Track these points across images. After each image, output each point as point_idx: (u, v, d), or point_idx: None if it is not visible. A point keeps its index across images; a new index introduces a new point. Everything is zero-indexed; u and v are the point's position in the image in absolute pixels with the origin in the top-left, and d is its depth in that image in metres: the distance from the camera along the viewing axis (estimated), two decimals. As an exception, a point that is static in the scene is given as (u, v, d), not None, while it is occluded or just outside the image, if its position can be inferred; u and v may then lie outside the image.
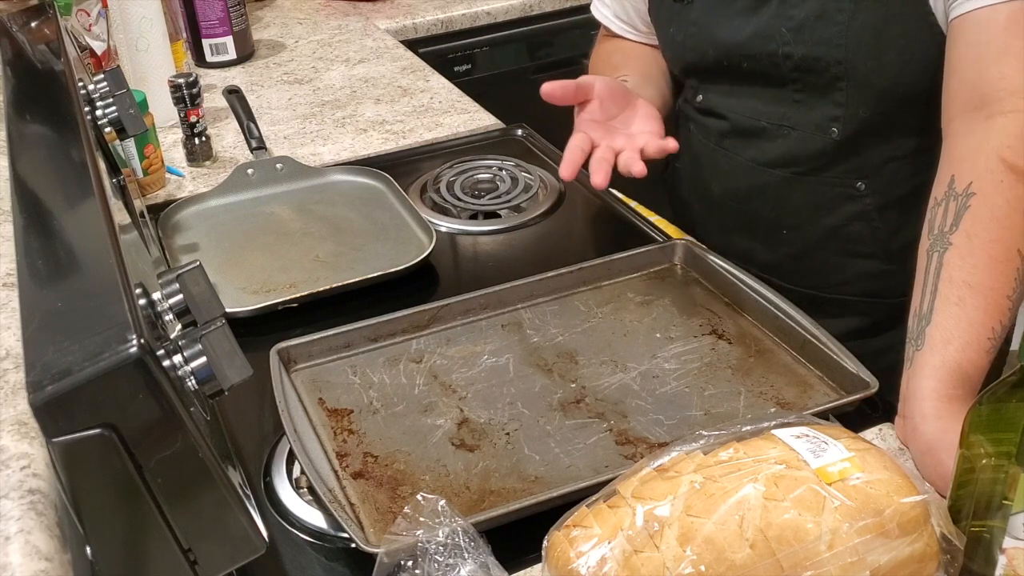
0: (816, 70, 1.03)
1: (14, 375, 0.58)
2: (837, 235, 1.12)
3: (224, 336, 0.57)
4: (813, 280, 1.16)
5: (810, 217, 1.12)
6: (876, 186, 1.08)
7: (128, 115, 0.91)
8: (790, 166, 1.10)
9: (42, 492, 0.51)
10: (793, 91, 1.06)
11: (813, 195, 1.10)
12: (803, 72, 1.04)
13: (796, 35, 1.02)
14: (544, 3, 2.04)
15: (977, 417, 0.68)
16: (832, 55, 1.01)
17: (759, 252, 1.18)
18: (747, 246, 1.18)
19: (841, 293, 1.16)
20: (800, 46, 1.02)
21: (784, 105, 1.08)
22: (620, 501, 0.69)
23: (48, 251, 0.60)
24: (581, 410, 0.90)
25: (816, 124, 1.06)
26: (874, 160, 1.07)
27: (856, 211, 1.10)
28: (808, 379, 0.93)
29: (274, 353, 0.94)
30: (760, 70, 1.07)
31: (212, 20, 1.71)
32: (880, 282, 1.14)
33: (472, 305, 1.03)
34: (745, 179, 1.15)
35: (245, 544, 0.56)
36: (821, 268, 1.15)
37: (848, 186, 1.08)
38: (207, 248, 1.20)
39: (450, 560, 0.69)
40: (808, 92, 1.05)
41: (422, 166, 1.38)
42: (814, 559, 0.64)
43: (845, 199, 1.09)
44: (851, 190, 1.08)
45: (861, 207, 1.09)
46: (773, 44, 1.04)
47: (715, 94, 1.16)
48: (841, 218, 1.11)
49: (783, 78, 1.06)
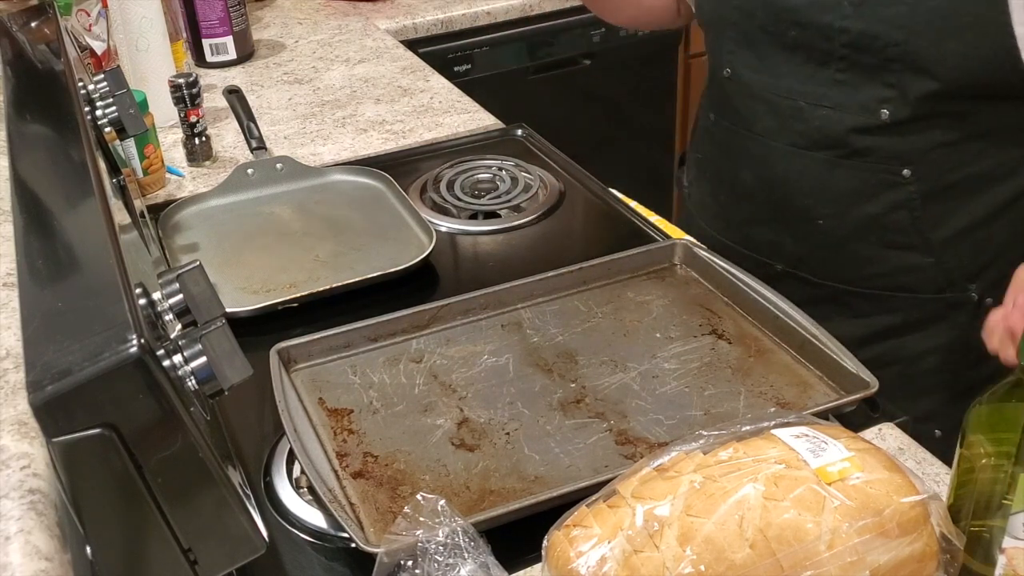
0: (870, 49, 0.99)
1: (14, 375, 0.58)
2: (876, 224, 1.07)
3: (224, 336, 0.57)
4: (845, 273, 1.12)
5: (849, 205, 1.08)
6: (921, 173, 1.04)
7: (128, 115, 0.91)
8: (834, 148, 1.05)
9: (42, 492, 0.51)
10: (836, 70, 1.02)
11: (854, 180, 1.06)
12: (854, 49, 1.00)
13: (857, 9, 0.98)
14: (544, 3, 2.04)
15: (977, 417, 0.68)
16: (892, 35, 0.97)
17: (788, 244, 1.14)
18: (774, 238, 1.15)
19: (873, 287, 1.12)
20: (859, 21, 0.98)
21: (823, 84, 1.03)
22: (620, 501, 0.69)
23: (48, 251, 0.60)
24: (581, 410, 0.90)
25: (861, 104, 1.02)
26: (921, 145, 1.03)
27: (899, 199, 1.05)
28: (808, 379, 0.93)
29: (274, 353, 0.94)
30: (807, 41, 1.03)
31: (212, 20, 1.71)
32: (916, 276, 1.09)
33: (472, 305, 1.03)
34: (780, 165, 1.10)
35: (245, 544, 0.56)
36: (855, 260, 1.11)
37: (893, 172, 1.04)
38: (207, 248, 1.20)
39: (450, 560, 0.69)
40: (853, 71, 1.01)
41: (422, 166, 1.38)
42: (814, 559, 0.64)
43: (888, 186, 1.05)
44: (896, 176, 1.04)
45: (904, 195, 1.05)
46: (830, 15, 1.00)
47: (746, 68, 1.10)
48: (882, 206, 1.06)
49: (829, 53, 1.01)
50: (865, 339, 1.11)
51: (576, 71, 2.11)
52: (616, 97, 2.18)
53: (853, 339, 1.11)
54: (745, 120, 1.13)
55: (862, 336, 1.11)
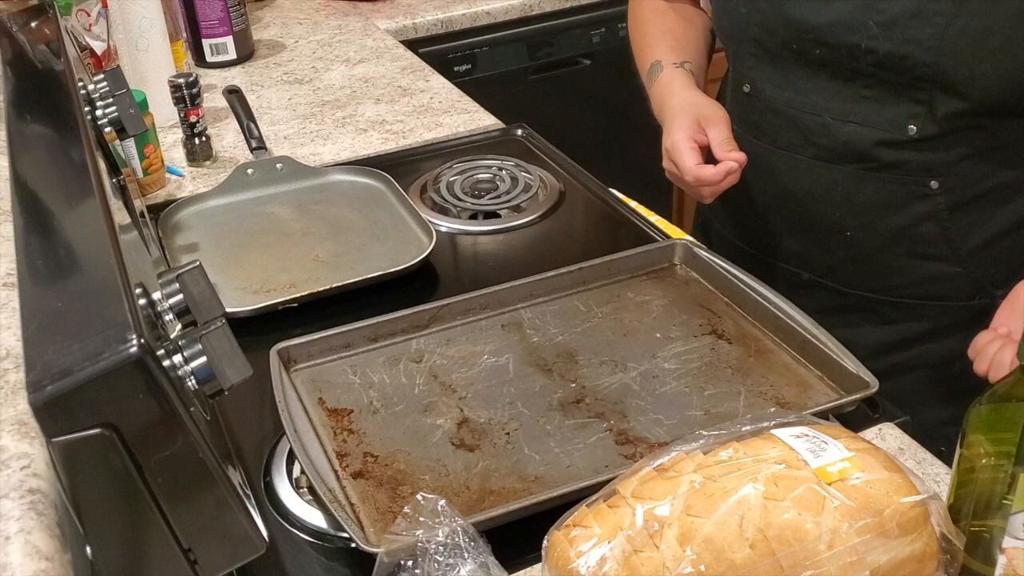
0: (899, 69, 0.98)
1: (14, 375, 0.58)
2: (905, 236, 1.07)
3: (224, 336, 0.57)
4: (873, 283, 1.11)
5: (877, 217, 1.07)
6: (950, 184, 1.03)
7: (128, 115, 0.91)
8: (861, 162, 1.05)
9: (42, 492, 0.51)
10: (863, 86, 1.01)
11: (882, 192, 1.05)
12: (883, 69, 0.99)
13: (885, 31, 0.97)
14: (544, 3, 2.04)
15: (977, 417, 0.68)
16: (922, 57, 0.96)
17: (816, 255, 1.13)
18: (800, 249, 1.14)
19: (902, 296, 1.11)
20: (887, 42, 0.97)
21: (850, 100, 1.03)
22: (620, 501, 0.69)
23: (48, 251, 0.60)
24: (581, 410, 0.90)
25: (889, 120, 1.01)
26: (948, 158, 1.02)
27: (927, 211, 1.05)
28: (808, 379, 0.93)
29: (274, 353, 0.94)
30: (833, 60, 1.01)
31: (212, 20, 1.71)
32: (944, 285, 1.09)
33: (472, 305, 1.03)
34: (806, 178, 1.09)
35: (245, 544, 0.56)
36: (884, 271, 1.10)
37: (920, 184, 1.03)
38: (207, 248, 1.20)
39: (450, 560, 0.69)
40: (881, 89, 1.00)
41: (422, 166, 1.38)
42: (814, 559, 0.64)
43: (916, 198, 1.04)
44: (923, 188, 1.04)
45: (933, 206, 1.04)
46: (857, 36, 0.98)
47: (767, 83, 1.09)
48: (911, 218, 1.06)
49: (856, 71, 1.01)
50: (893, 345, 1.11)
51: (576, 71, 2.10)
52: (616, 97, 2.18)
53: (881, 345, 1.11)
54: (768, 134, 1.11)
55: (891, 342, 1.11)
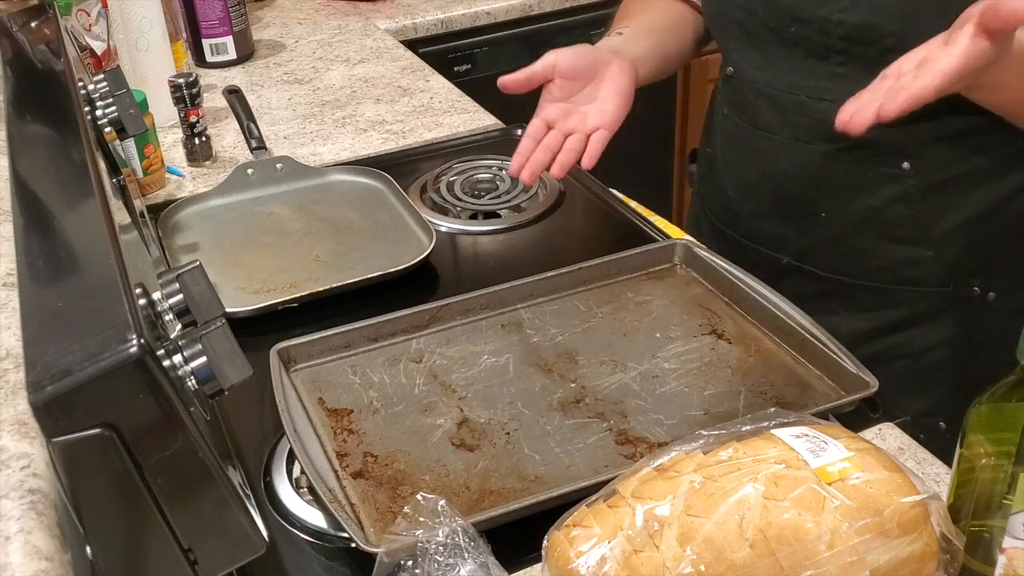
0: (867, 41, 1.00)
1: (14, 375, 0.58)
2: (876, 217, 1.09)
3: (224, 336, 0.57)
4: (849, 267, 1.13)
5: (850, 197, 1.09)
6: (921, 167, 1.04)
7: (128, 115, 0.91)
8: (833, 141, 1.06)
9: (42, 492, 0.51)
10: (835, 64, 1.03)
11: (854, 173, 1.07)
12: (852, 43, 1.01)
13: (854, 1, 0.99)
14: (544, 3, 2.04)
15: (977, 417, 0.68)
16: (887, 26, 0.97)
17: (793, 238, 1.15)
18: (781, 232, 1.16)
19: (878, 280, 1.12)
20: (855, 12, 0.99)
21: (824, 78, 1.04)
22: (620, 501, 0.69)
23: (48, 251, 0.60)
24: (581, 410, 0.90)
25: None
26: (921, 138, 1.03)
27: (898, 192, 1.06)
28: (808, 379, 0.93)
29: (274, 353, 0.94)
30: (806, 36, 1.04)
31: (212, 20, 1.71)
32: (918, 270, 1.10)
33: (472, 305, 1.03)
34: (783, 158, 1.11)
35: (245, 544, 0.56)
36: (857, 253, 1.12)
37: (892, 165, 1.05)
38: (207, 248, 1.20)
39: (450, 560, 0.69)
40: (852, 65, 1.02)
41: (422, 166, 1.38)
42: (814, 559, 0.64)
43: (887, 179, 1.06)
44: (895, 169, 1.05)
45: (904, 188, 1.06)
46: (827, 8, 1.01)
47: (749, 65, 1.12)
48: (882, 199, 1.07)
49: (828, 47, 1.03)
50: (871, 334, 1.12)
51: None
52: (616, 97, 2.18)
53: (859, 334, 1.12)
54: (750, 115, 1.14)
55: (868, 331, 1.12)
